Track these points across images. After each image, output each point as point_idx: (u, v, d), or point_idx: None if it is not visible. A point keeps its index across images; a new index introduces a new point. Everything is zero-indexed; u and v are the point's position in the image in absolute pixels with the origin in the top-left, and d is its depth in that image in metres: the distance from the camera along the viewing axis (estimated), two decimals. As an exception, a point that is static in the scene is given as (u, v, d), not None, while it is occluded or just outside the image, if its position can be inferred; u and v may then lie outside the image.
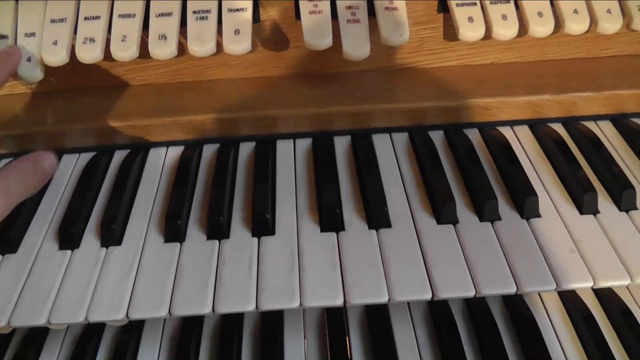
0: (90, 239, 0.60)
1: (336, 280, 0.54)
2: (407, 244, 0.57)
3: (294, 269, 0.55)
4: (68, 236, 0.60)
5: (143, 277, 0.56)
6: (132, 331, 0.62)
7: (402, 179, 0.64)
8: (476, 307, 0.62)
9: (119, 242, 0.59)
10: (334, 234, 0.58)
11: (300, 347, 0.60)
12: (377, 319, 0.61)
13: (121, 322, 0.58)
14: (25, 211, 0.62)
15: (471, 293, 0.53)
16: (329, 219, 0.59)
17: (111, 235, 0.59)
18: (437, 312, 0.61)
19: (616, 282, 0.54)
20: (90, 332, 0.63)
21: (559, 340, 0.59)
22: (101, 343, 0.62)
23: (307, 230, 0.59)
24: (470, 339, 0.59)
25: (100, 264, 0.58)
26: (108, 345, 0.62)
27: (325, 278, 0.54)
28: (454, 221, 0.59)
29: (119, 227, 0.60)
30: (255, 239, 0.58)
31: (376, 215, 0.59)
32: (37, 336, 0.63)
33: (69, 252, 0.59)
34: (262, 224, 0.58)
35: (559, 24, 0.69)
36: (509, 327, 0.60)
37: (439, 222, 0.59)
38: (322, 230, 0.59)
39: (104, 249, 0.59)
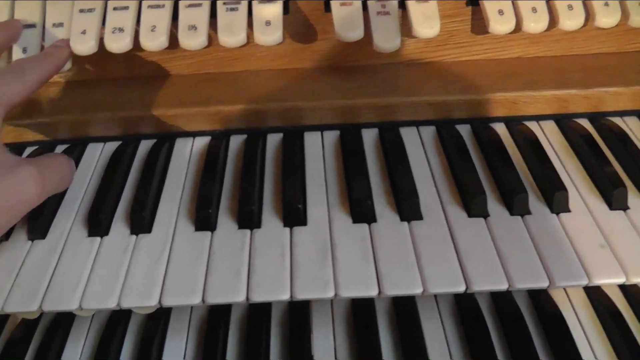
0: (119, 226, 0.60)
1: (370, 271, 0.54)
2: (439, 236, 0.57)
3: (327, 259, 0.55)
4: (97, 223, 0.60)
5: (175, 264, 0.56)
6: (159, 320, 0.61)
7: (431, 172, 0.64)
8: (504, 302, 0.61)
9: (148, 230, 0.59)
10: (365, 226, 0.58)
11: (329, 338, 0.59)
12: (405, 311, 0.60)
13: (150, 309, 0.58)
14: (52, 198, 0.62)
15: (504, 286, 0.53)
16: (361, 211, 0.58)
17: (141, 222, 0.59)
18: (464, 306, 0.61)
19: (648, 278, 0.53)
20: (117, 320, 0.62)
21: (586, 337, 0.58)
22: (127, 331, 0.62)
23: (339, 221, 0.59)
24: (497, 334, 0.59)
25: (130, 250, 0.57)
26: (134, 333, 0.61)
27: (359, 269, 0.54)
28: (485, 214, 0.59)
29: (148, 215, 0.60)
30: (287, 229, 0.58)
31: (408, 207, 0.58)
32: (63, 323, 0.62)
33: (98, 239, 0.59)
34: (294, 214, 0.58)
35: (588, 17, 0.68)
36: (536, 323, 0.59)
37: (469, 215, 0.59)
38: (354, 221, 0.58)
39: (134, 236, 0.59)
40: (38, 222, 0.60)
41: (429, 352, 0.57)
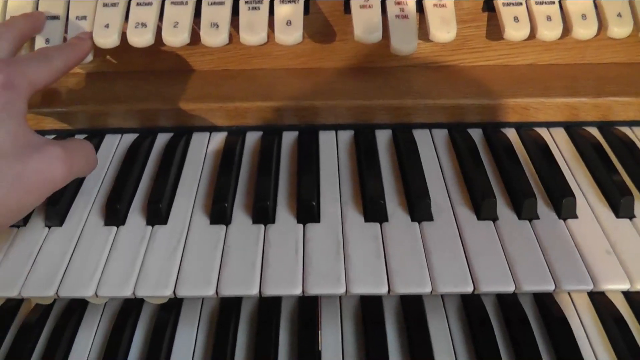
0: (135, 216, 0.61)
1: (381, 269, 0.55)
2: (449, 237, 0.58)
3: (340, 255, 0.56)
4: (114, 212, 0.61)
5: (190, 256, 0.57)
6: (170, 310, 0.62)
7: (442, 174, 0.65)
8: (510, 305, 0.62)
9: (164, 222, 0.60)
10: (377, 224, 0.59)
11: (337, 334, 0.60)
12: (413, 311, 0.61)
13: (164, 299, 0.59)
14: (70, 187, 0.63)
15: (511, 288, 0.54)
16: (374, 209, 0.59)
17: (157, 214, 0.60)
18: (471, 308, 0.61)
19: (653, 285, 0.54)
20: (129, 309, 0.63)
21: (589, 342, 0.59)
22: (139, 320, 0.62)
23: (352, 219, 0.59)
24: (503, 336, 0.59)
25: (146, 241, 0.58)
26: (146, 322, 0.62)
27: (370, 266, 0.55)
28: (494, 217, 0.60)
29: (165, 207, 0.61)
30: (301, 225, 0.59)
31: (419, 208, 0.59)
32: (76, 310, 0.63)
33: (115, 228, 0.60)
34: (308, 211, 0.59)
35: (600, 27, 0.69)
36: (540, 327, 0.60)
37: (479, 217, 0.60)
38: (366, 220, 0.59)
39: (150, 227, 0.60)
40: (55, 209, 0.61)
41: (434, 352, 0.57)
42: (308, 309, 0.61)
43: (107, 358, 0.58)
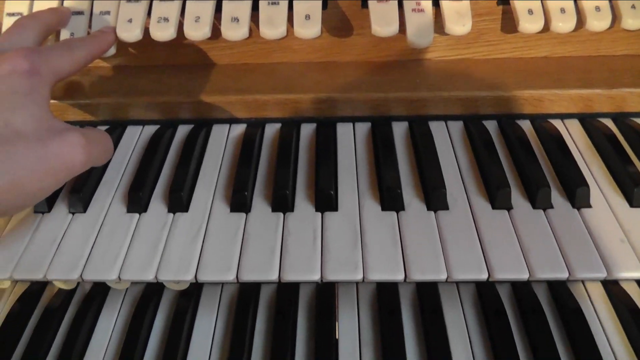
0: (157, 204, 0.62)
1: (397, 256, 0.55)
2: (464, 226, 0.58)
3: (357, 243, 0.56)
4: (137, 200, 0.62)
5: (210, 242, 0.58)
6: (190, 297, 0.63)
7: (457, 165, 0.65)
8: (524, 296, 0.62)
9: (185, 209, 0.61)
10: (394, 213, 0.59)
11: (354, 322, 0.60)
12: (429, 300, 0.61)
13: (184, 285, 0.60)
14: (93, 175, 0.64)
15: (525, 276, 0.54)
16: (391, 199, 0.60)
17: (179, 202, 0.61)
18: (486, 298, 0.61)
19: (667, 273, 0.54)
20: (150, 295, 0.64)
21: (604, 332, 0.59)
22: (160, 306, 0.63)
23: (369, 208, 0.60)
24: (517, 325, 0.59)
25: (167, 228, 0.59)
26: (167, 308, 0.63)
27: (387, 254, 0.55)
28: (509, 207, 0.60)
29: (187, 195, 0.62)
30: (319, 214, 0.60)
31: (435, 197, 0.60)
32: (97, 296, 0.64)
33: (137, 215, 0.61)
34: (327, 200, 0.60)
35: (615, 19, 0.69)
36: (555, 318, 0.60)
37: (494, 207, 0.60)
38: (383, 209, 0.60)
39: (171, 214, 0.61)
40: (79, 196, 0.62)
41: (450, 340, 0.58)
42: (326, 297, 0.62)
43: (128, 343, 0.59)
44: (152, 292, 0.64)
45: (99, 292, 0.64)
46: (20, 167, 0.51)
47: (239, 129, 0.72)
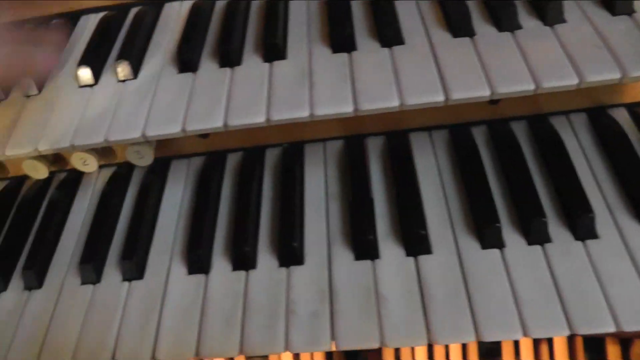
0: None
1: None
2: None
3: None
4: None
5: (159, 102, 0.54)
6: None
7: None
8: (500, 133, 0.57)
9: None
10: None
11: (321, 178, 0.57)
12: (398, 150, 0.57)
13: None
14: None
15: (487, 93, 0.48)
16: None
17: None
18: (459, 141, 0.57)
19: None
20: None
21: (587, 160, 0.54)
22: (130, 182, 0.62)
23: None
24: (493, 165, 0.55)
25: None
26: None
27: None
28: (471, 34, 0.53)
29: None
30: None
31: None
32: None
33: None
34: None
35: None
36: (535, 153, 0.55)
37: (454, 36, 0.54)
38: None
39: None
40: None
41: (421, 185, 0.54)
42: (291, 154, 0.58)
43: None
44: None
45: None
46: None
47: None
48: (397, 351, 0.68)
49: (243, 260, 0.50)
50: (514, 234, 0.49)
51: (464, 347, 0.67)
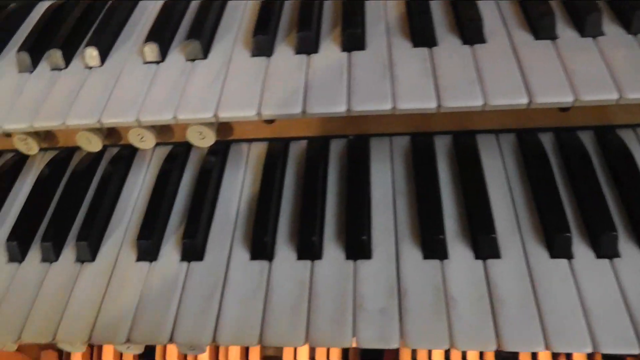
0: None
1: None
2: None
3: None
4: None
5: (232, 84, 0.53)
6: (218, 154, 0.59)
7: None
8: (569, 141, 0.56)
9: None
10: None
11: (387, 173, 0.55)
12: (465, 150, 0.56)
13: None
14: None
15: (570, 99, 0.47)
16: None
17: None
18: (527, 145, 0.56)
19: None
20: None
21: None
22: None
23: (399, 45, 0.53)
24: (561, 173, 0.53)
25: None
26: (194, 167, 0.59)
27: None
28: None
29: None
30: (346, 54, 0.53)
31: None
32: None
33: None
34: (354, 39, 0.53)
35: None
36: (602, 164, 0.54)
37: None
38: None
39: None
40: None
41: (488, 187, 0.52)
42: (358, 148, 0.57)
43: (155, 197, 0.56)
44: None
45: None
46: None
47: None
48: (414, 352, 0.67)
49: (309, 249, 0.49)
50: (582, 246, 0.48)
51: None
